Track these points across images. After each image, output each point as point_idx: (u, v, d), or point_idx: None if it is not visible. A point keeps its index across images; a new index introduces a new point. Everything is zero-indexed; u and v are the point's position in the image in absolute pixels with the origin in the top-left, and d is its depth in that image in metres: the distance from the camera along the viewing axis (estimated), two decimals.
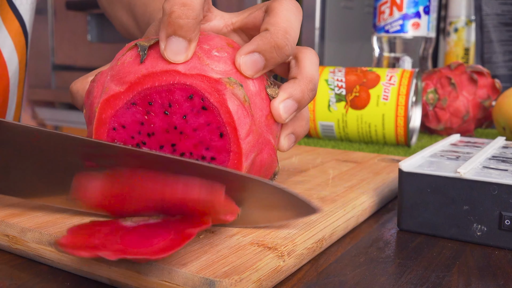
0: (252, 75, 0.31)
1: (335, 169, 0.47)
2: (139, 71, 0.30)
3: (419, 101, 0.67)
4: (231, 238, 0.29)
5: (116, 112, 0.30)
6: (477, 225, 0.33)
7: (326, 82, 0.66)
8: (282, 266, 0.27)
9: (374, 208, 0.39)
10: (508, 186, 0.31)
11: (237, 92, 0.30)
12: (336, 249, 0.32)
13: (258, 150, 0.31)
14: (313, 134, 0.68)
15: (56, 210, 0.33)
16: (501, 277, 0.29)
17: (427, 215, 0.34)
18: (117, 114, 0.30)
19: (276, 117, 0.32)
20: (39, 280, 0.27)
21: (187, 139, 0.30)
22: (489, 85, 0.71)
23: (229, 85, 0.29)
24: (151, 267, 0.25)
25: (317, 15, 1.20)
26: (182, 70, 0.30)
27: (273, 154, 0.32)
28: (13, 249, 0.30)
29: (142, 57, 0.30)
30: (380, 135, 0.63)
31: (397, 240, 0.34)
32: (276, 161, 0.33)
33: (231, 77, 0.30)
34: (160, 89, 0.30)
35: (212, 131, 0.30)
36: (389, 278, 0.28)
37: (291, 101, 0.32)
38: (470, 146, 0.44)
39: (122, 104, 0.30)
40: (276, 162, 0.33)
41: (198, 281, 0.24)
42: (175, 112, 0.30)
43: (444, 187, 0.33)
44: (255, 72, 0.31)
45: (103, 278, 0.27)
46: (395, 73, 0.63)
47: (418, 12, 0.85)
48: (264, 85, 0.32)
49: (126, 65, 0.30)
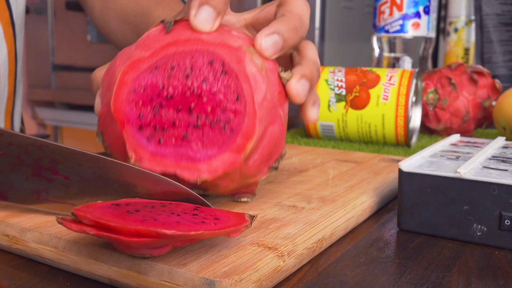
0: (271, 55, 0.33)
1: (335, 169, 0.47)
2: (165, 40, 0.32)
3: (419, 101, 0.67)
4: (231, 238, 0.29)
5: (139, 75, 0.31)
6: (477, 225, 0.33)
7: (326, 82, 0.66)
8: (282, 266, 0.27)
9: (374, 208, 0.39)
10: (508, 186, 0.31)
11: (256, 60, 0.32)
12: (336, 249, 0.32)
13: (271, 120, 0.32)
14: (313, 134, 0.68)
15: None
16: (501, 277, 0.29)
17: (427, 215, 0.34)
18: (139, 77, 0.31)
19: (294, 97, 0.34)
20: (39, 280, 0.27)
21: (205, 102, 0.31)
22: (489, 85, 0.71)
23: (248, 53, 0.32)
24: (151, 267, 0.25)
25: (317, 15, 1.20)
26: (205, 39, 0.32)
27: (282, 130, 0.33)
28: (13, 249, 0.30)
29: (168, 28, 0.32)
30: (380, 135, 0.63)
31: (397, 240, 0.34)
32: (284, 142, 0.34)
33: (250, 47, 0.32)
34: (183, 55, 0.31)
35: (230, 94, 0.31)
36: (389, 278, 0.28)
37: (305, 81, 0.34)
38: (470, 146, 0.44)
39: (145, 67, 0.32)
40: (284, 143, 0.34)
41: (198, 281, 0.24)
42: (196, 76, 0.31)
43: (444, 187, 0.33)
44: (274, 52, 0.33)
45: (103, 278, 0.27)
46: (395, 73, 0.63)
47: (418, 12, 0.85)
48: (277, 69, 0.34)
49: (151, 36, 0.33)
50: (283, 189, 0.40)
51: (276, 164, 0.34)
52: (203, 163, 0.31)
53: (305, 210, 0.34)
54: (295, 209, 0.35)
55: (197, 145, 0.31)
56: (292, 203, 0.36)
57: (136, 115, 0.31)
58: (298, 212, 0.34)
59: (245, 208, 0.35)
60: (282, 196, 0.38)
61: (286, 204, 0.36)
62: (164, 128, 0.31)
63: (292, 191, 0.39)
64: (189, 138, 0.31)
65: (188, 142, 0.31)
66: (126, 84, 0.31)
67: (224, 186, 0.32)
